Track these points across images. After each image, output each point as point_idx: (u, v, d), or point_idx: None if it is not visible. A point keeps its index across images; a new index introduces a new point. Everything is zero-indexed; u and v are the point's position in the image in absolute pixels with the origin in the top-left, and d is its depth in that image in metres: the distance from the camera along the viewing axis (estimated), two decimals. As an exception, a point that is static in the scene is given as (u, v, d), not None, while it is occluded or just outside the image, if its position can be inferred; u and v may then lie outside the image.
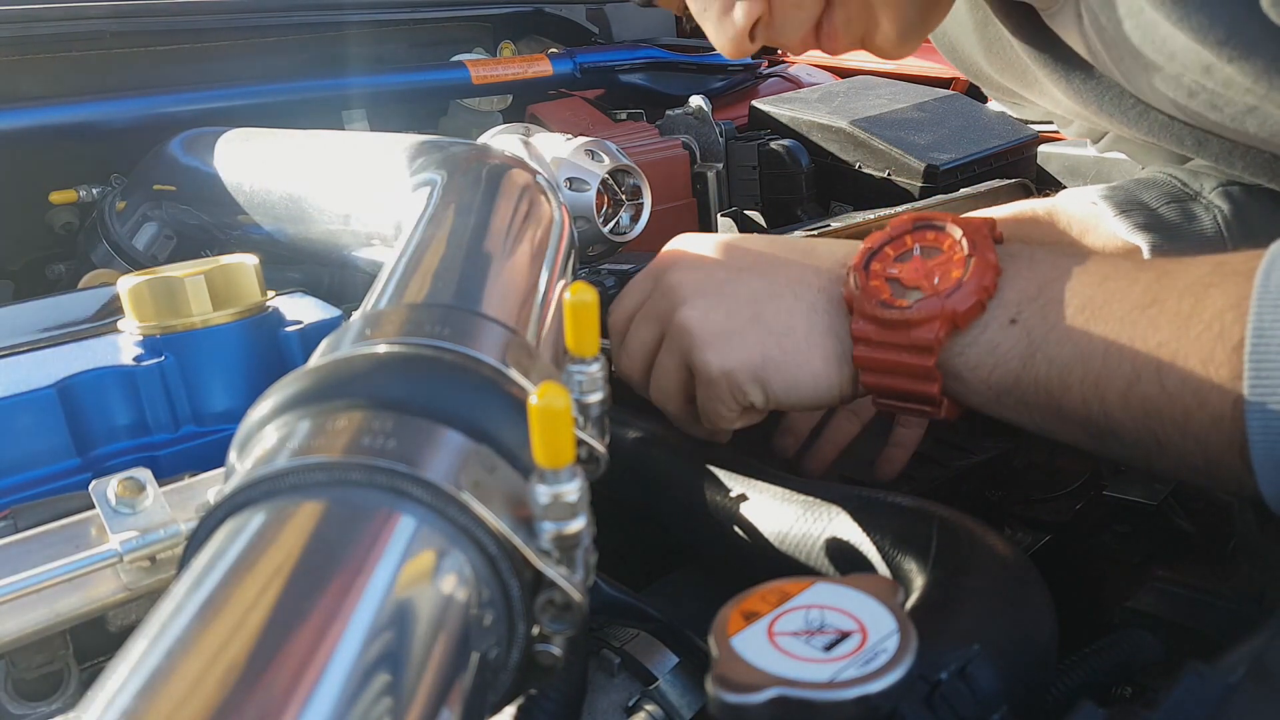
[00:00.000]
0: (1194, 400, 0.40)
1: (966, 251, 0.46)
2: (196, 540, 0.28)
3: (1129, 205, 0.75)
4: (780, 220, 1.09)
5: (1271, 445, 0.38)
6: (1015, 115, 1.15)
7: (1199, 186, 0.76)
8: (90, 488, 0.43)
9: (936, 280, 0.46)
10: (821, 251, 0.53)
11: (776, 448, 0.66)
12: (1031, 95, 0.81)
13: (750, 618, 0.33)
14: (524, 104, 1.24)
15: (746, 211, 1.12)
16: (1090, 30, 0.63)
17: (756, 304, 0.52)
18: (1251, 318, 0.38)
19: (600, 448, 0.35)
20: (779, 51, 1.58)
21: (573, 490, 0.29)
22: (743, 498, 0.52)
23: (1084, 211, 0.76)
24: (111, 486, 0.42)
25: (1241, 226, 0.75)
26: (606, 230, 0.77)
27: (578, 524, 0.29)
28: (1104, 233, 0.75)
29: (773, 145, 1.09)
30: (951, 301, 0.45)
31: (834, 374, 0.51)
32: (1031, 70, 0.74)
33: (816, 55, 1.51)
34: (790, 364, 0.51)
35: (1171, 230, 0.74)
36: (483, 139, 0.81)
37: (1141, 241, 0.73)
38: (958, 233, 0.47)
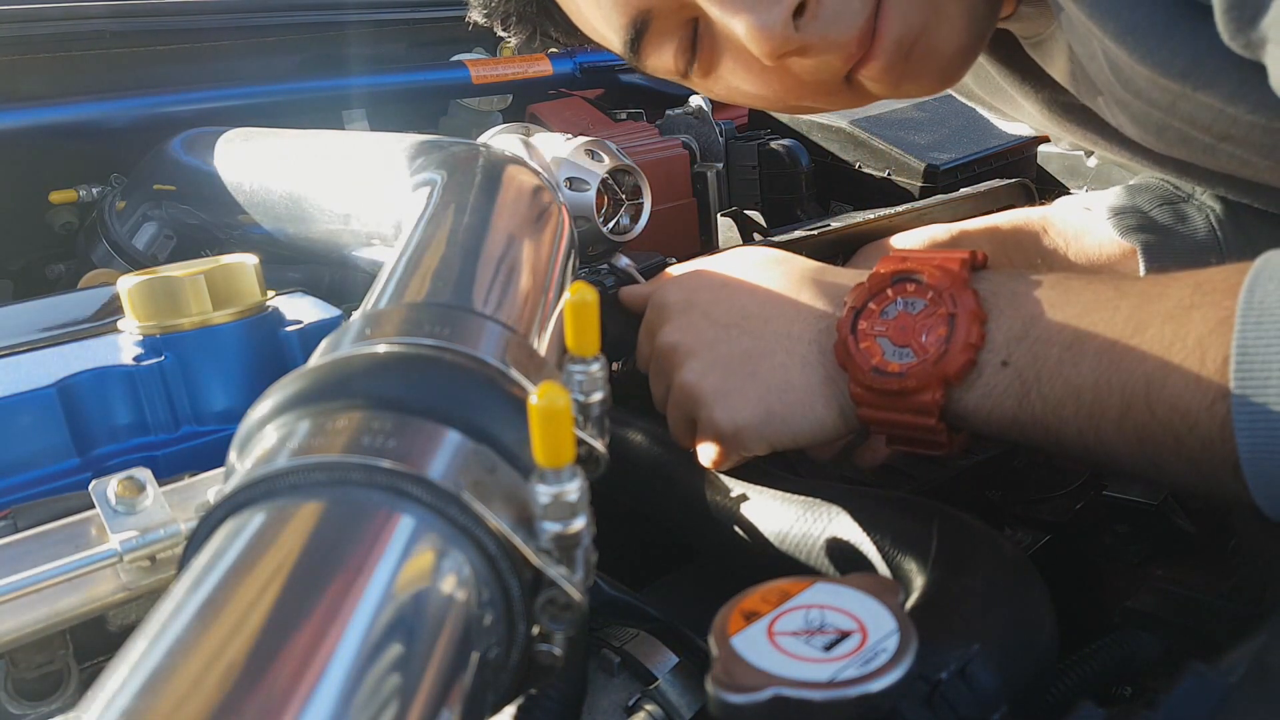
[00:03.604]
0: (1184, 425, 0.40)
1: (948, 307, 0.47)
2: (196, 540, 0.28)
3: (1122, 210, 0.76)
4: (780, 220, 1.09)
5: (1263, 462, 0.38)
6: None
7: (1191, 189, 0.77)
8: (90, 487, 0.43)
9: (925, 338, 0.47)
10: (805, 299, 0.54)
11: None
12: (1019, 116, 0.81)
13: (750, 617, 0.33)
14: (524, 104, 1.24)
15: (746, 211, 1.12)
16: (1074, 61, 0.62)
17: (751, 362, 0.53)
18: (1235, 338, 0.38)
19: (600, 448, 0.35)
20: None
21: (573, 490, 0.29)
22: (743, 498, 0.52)
23: (1078, 218, 0.77)
24: (111, 486, 0.42)
25: (1234, 225, 0.75)
26: (606, 230, 0.77)
27: (578, 524, 0.29)
28: (1099, 237, 0.76)
29: (773, 145, 1.09)
30: (942, 366, 0.46)
31: (836, 417, 0.52)
32: (1016, 98, 0.74)
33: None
34: (794, 416, 0.52)
35: (1165, 232, 0.75)
36: (483, 139, 0.81)
37: (1136, 243, 0.74)
38: (936, 285, 0.48)
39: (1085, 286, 0.46)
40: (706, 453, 0.55)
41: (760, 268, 0.58)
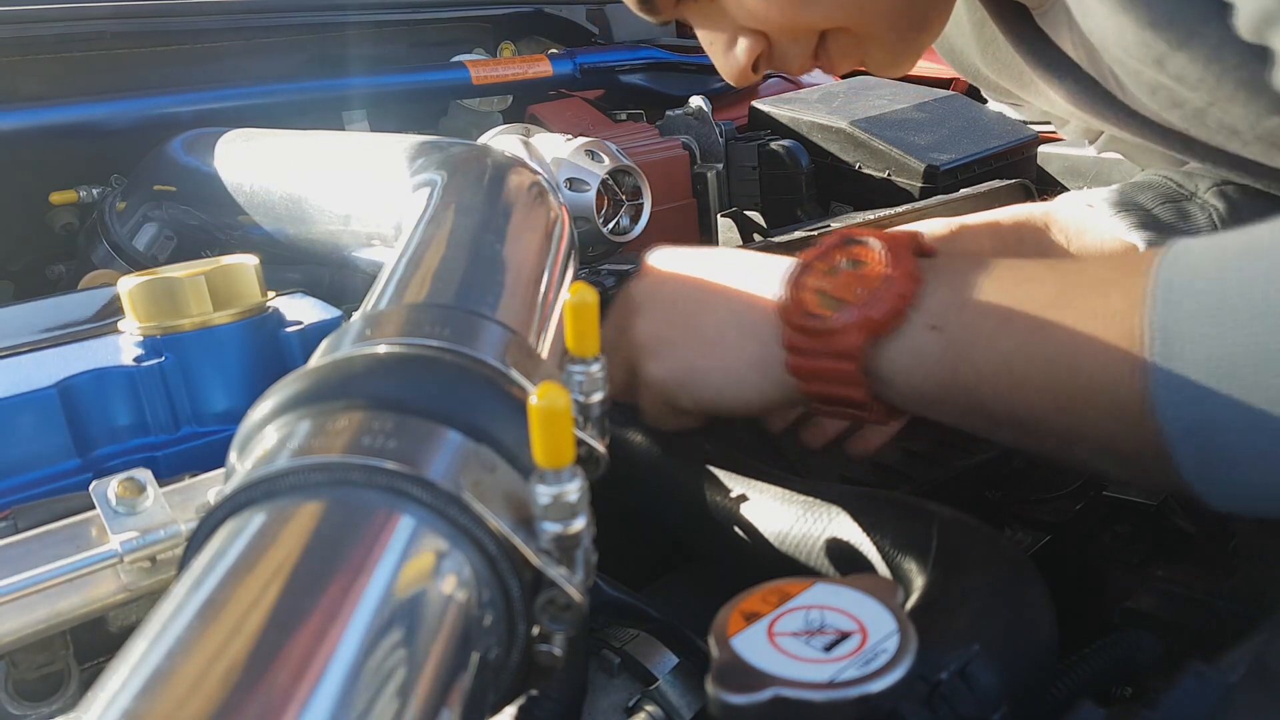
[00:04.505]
0: (1106, 395, 0.41)
1: (885, 262, 0.48)
2: (197, 541, 0.28)
3: (1124, 207, 0.75)
4: (780, 220, 1.09)
5: (1185, 433, 0.39)
6: (1013, 115, 1.15)
7: (1194, 187, 0.77)
8: (90, 488, 0.43)
9: (859, 291, 0.48)
10: (764, 271, 0.56)
11: (766, 422, 0.66)
12: (1028, 95, 0.81)
13: (750, 618, 0.33)
14: (524, 104, 1.24)
15: (746, 212, 1.12)
16: (1076, 29, 0.63)
17: (695, 317, 0.55)
18: (1148, 310, 0.40)
19: (600, 448, 0.35)
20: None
21: (573, 490, 0.29)
22: (743, 498, 0.52)
23: (1080, 214, 0.77)
24: (112, 487, 0.42)
25: (1237, 224, 0.75)
26: (606, 230, 0.77)
27: (578, 524, 0.29)
28: (1100, 234, 0.76)
29: (773, 145, 1.09)
30: (868, 309, 0.47)
31: (761, 381, 0.53)
32: (1026, 71, 0.75)
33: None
34: (716, 372, 0.53)
35: (1167, 230, 0.75)
36: (483, 139, 0.81)
37: (1139, 240, 0.74)
38: (879, 246, 0.49)
39: (1020, 263, 0.47)
40: (644, 407, 0.57)
41: (732, 252, 0.61)
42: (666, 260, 0.60)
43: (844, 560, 0.47)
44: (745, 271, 0.56)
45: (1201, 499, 0.40)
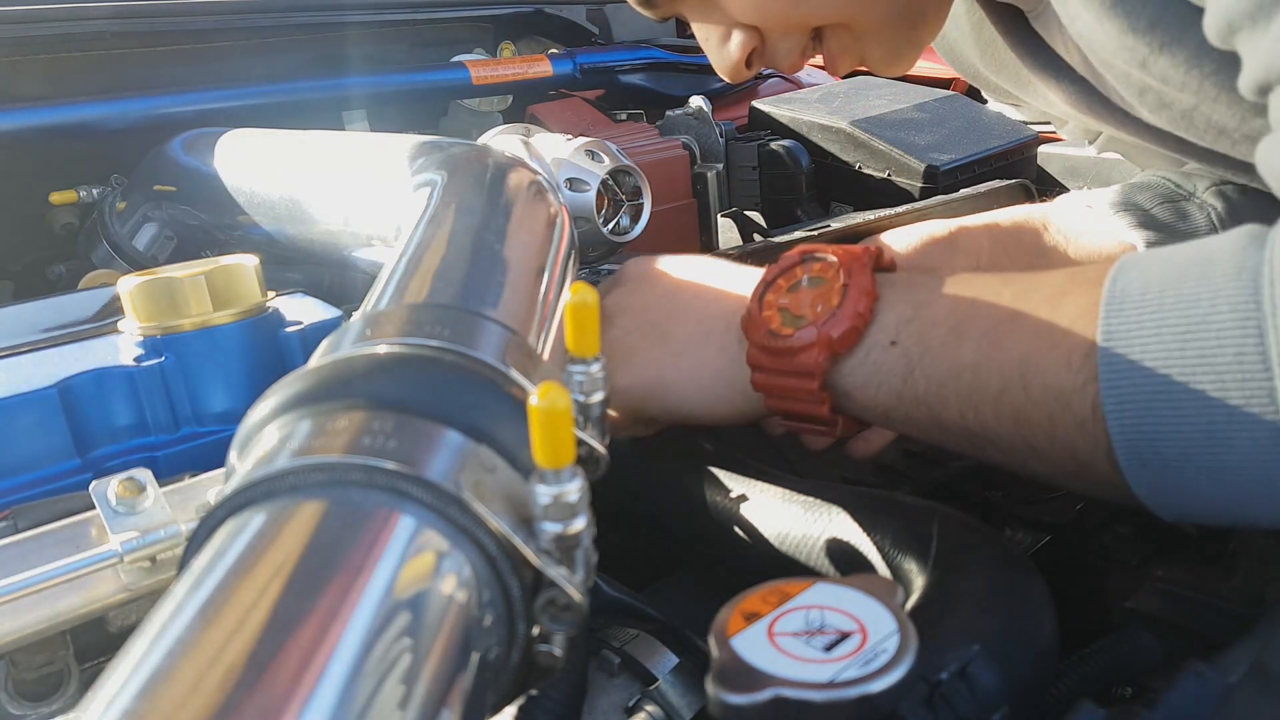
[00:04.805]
0: (1057, 405, 0.41)
1: (843, 281, 0.49)
2: (197, 541, 0.28)
3: (1123, 207, 0.76)
4: (780, 220, 1.09)
5: (1132, 444, 0.39)
6: (1013, 115, 1.15)
7: (1192, 188, 0.77)
8: (90, 488, 0.43)
9: (819, 309, 0.49)
10: (732, 285, 0.56)
11: (766, 424, 0.66)
12: (1026, 96, 0.82)
13: (750, 618, 0.33)
14: (524, 104, 1.24)
15: (746, 212, 1.12)
16: (1068, 31, 0.63)
17: (665, 328, 0.56)
18: (1100, 322, 0.40)
19: (600, 448, 0.35)
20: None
21: (573, 490, 0.29)
22: (743, 498, 0.52)
23: (1079, 215, 0.77)
24: (112, 487, 0.42)
25: (1236, 223, 0.75)
26: (607, 230, 0.77)
27: (578, 524, 0.29)
28: (1099, 235, 0.76)
29: (773, 145, 1.09)
30: (827, 328, 0.48)
31: (728, 394, 0.53)
32: (1024, 72, 0.75)
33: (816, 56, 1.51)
34: (683, 383, 0.54)
35: (1166, 230, 0.75)
36: (483, 139, 0.81)
37: (1138, 241, 0.74)
38: (836, 263, 0.50)
39: (975, 277, 0.48)
40: (616, 415, 0.57)
41: (706, 262, 0.61)
42: (640, 269, 0.61)
43: (844, 560, 0.47)
44: (715, 283, 0.57)
45: (1152, 510, 0.41)
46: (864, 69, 0.72)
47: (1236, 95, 0.53)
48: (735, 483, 0.53)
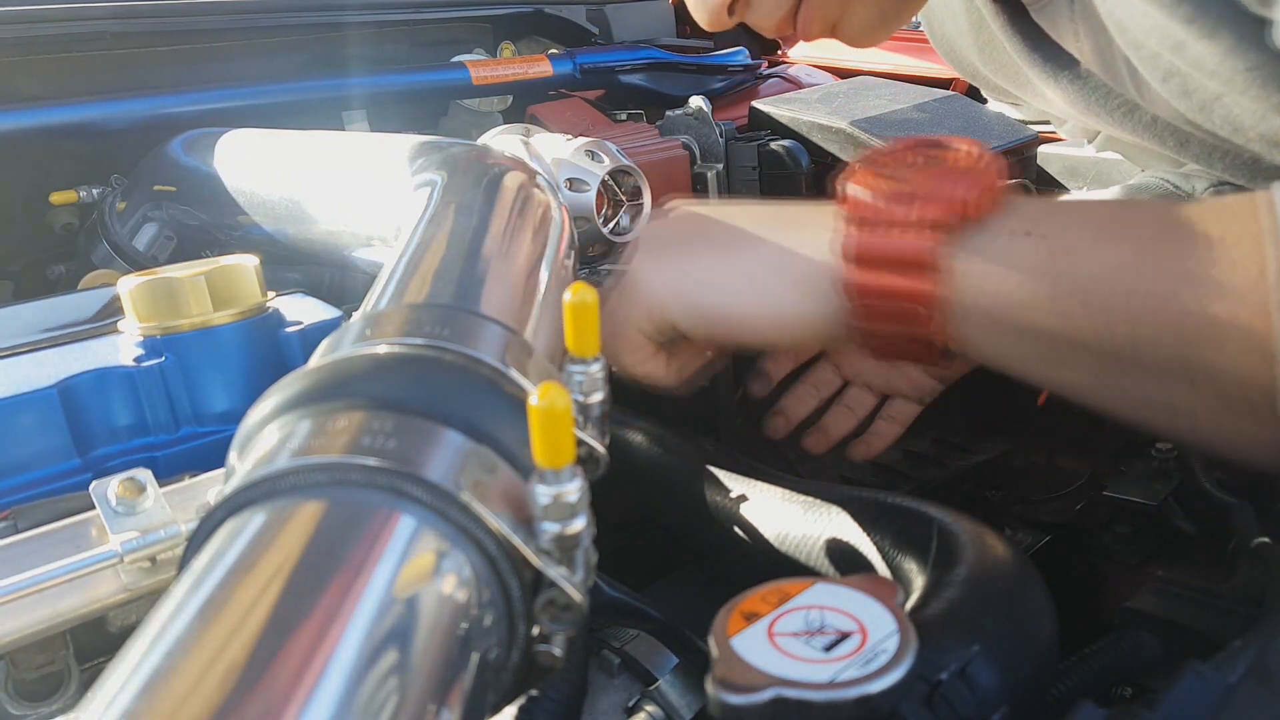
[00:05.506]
0: (1231, 324, 0.36)
1: (977, 156, 0.42)
2: (197, 541, 0.28)
3: None
4: (780, 220, 1.09)
5: None
6: (1013, 115, 1.15)
7: (1191, 188, 0.77)
8: (90, 488, 0.43)
9: (941, 183, 0.42)
10: (805, 212, 0.50)
11: (767, 427, 0.66)
12: (1025, 95, 0.82)
13: (750, 618, 0.33)
14: (524, 104, 1.24)
15: (746, 212, 1.12)
16: (1079, 19, 0.63)
17: (715, 223, 0.47)
18: (1269, 245, 0.36)
19: (600, 448, 0.35)
20: (779, 51, 1.58)
21: (573, 490, 0.29)
22: (743, 498, 0.52)
23: None
24: (112, 487, 0.42)
25: None
26: (606, 230, 0.77)
27: (578, 524, 0.29)
28: None
29: (773, 145, 1.09)
30: (958, 189, 0.39)
31: (797, 297, 0.44)
32: (1023, 70, 0.75)
33: (816, 56, 1.51)
34: (737, 281, 0.44)
35: None
36: (483, 139, 0.81)
37: None
38: (964, 145, 0.43)
39: (1109, 201, 0.44)
40: (613, 330, 0.47)
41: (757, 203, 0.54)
42: (682, 206, 0.54)
43: (844, 560, 0.47)
44: (784, 212, 0.49)
45: None
46: (833, 37, 0.67)
47: (1265, 90, 0.53)
48: (735, 483, 0.53)
